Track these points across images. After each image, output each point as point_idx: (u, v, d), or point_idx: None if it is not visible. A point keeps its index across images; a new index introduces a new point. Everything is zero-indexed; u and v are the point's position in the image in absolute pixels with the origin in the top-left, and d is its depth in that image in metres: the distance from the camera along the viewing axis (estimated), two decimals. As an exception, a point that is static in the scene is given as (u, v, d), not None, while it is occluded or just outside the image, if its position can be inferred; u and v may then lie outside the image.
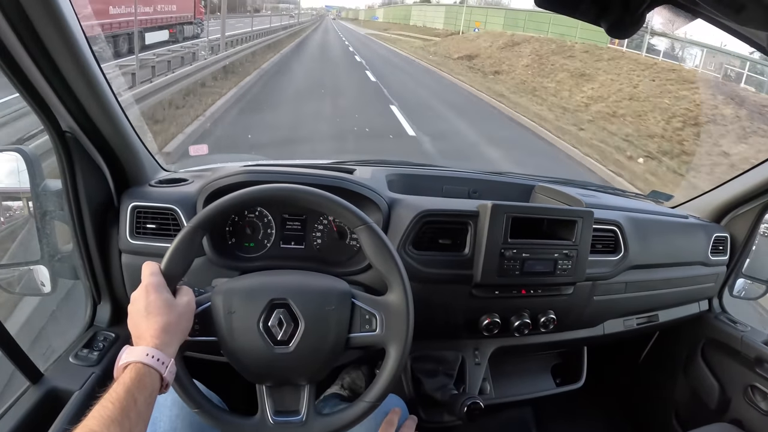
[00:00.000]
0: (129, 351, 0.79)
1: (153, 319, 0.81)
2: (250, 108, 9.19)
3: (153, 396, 0.77)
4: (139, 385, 0.74)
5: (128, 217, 1.22)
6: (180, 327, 0.85)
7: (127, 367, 0.76)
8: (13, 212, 1.26)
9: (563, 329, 1.44)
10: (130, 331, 0.84)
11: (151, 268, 0.88)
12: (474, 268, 1.22)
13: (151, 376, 0.76)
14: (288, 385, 0.95)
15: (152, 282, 0.86)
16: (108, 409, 0.69)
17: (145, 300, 0.83)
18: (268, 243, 1.28)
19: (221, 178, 1.23)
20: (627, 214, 1.46)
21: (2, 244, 1.25)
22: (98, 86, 1.05)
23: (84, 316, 1.31)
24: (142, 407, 0.73)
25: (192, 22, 18.82)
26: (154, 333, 0.80)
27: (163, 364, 0.78)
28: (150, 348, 0.78)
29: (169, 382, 0.80)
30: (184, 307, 0.86)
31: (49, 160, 1.23)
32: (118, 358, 0.79)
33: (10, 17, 0.87)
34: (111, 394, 0.71)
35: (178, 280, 0.90)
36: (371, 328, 0.94)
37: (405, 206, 1.25)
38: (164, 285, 0.86)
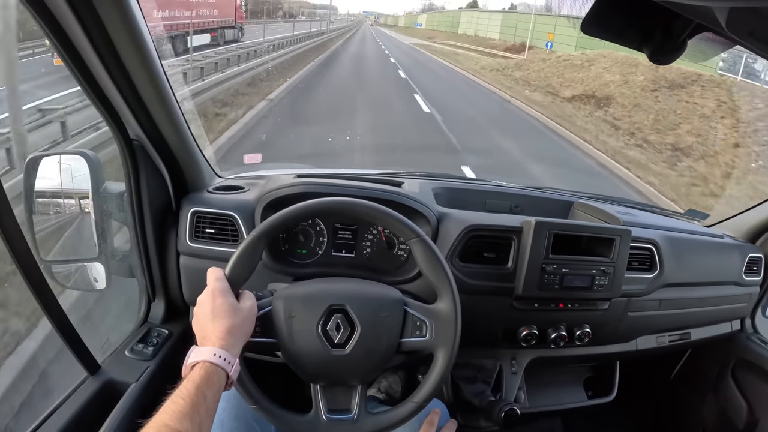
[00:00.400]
0: (197, 351, 0.84)
1: (219, 321, 0.86)
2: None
3: (219, 393, 0.82)
4: (207, 383, 0.79)
5: (188, 222, 1.29)
6: (243, 329, 0.90)
7: (196, 366, 0.81)
8: (63, 210, 1.32)
9: (597, 343, 1.47)
10: (195, 333, 0.90)
11: (216, 274, 0.93)
12: (516, 281, 1.27)
13: (218, 374, 0.81)
14: (341, 385, 1.00)
15: (218, 287, 0.91)
16: (179, 404, 0.73)
17: (211, 304, 0.88)
18: (320, 250, 1.34)
19: (278, 189, 1.29)
20: (663, 233, 1.48)
21: (50, 238, 1.32)
22: (166, 97, 1.12)
23: (138, 313, 1.37)
24: (211, 403, 0.78)
25: (233, 27, 19.04)
26: (220, 335, 0.85)
27: (229, 363, 0.83)
28: (217, 348, 0.83)
29: (233, 381, 0.85)
30: (247, 311, 0.91)
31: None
32: (187, 358, 0.84)
33: (90, 32, 0.93)
34: (182, 391, 0.76)
35: (241, 285, 0.96)
36: (422, 334, 0.98)
37: (453, 220, 1.30)
38: (229, 290, 0.91)
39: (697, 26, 0.64)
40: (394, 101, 11.95)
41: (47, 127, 4.93)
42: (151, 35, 1.03)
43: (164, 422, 0.71)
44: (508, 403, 1.29)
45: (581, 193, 1.70)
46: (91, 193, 1.25)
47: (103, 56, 0.98)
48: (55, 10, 0.90)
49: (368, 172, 1.58)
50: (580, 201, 1.55)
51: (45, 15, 0.90)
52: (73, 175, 1.27)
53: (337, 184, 1.33)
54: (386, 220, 1.02)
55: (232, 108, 8.84)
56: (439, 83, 17.11)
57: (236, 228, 1.28)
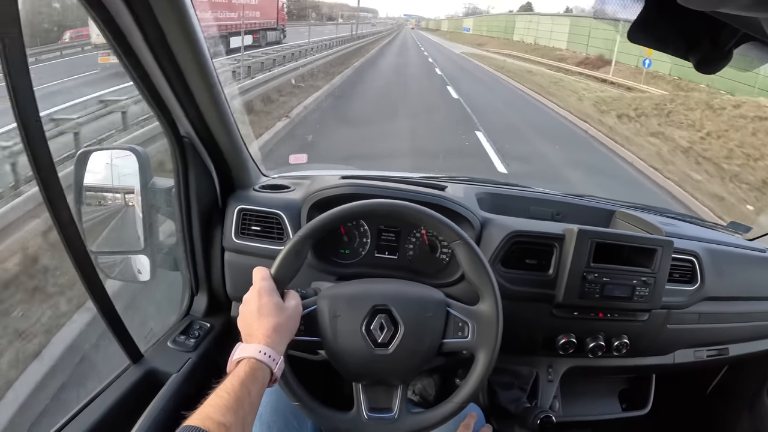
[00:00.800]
0: (242, 348, 0.86)
1: (265, 319, 0.88)
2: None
3: (263, 389, 0.83)
4: (252, 379, 0.80)
5: (234, 219, 1.32)
6: (288, 328, 0.91)
7: (241, 362, 0.83)
8: (110, 203, 1.36)
9: (635, 354, 1.45)
10: (240, 330, 0.92)
11: (262, 273, 0.95)
12: (557, 289, 1.26)
13: (263, 371, 0.83)
14: (382, 384, 1.01)
15: (264, 286, 0.93)
16: (224, 398, 0.75)
17: (257, 302, 0.90)
18: (363, 251, 1.36)
19: (324, 189, 1.31)
20: (705, 245, 1.46)
21: (96, 230, 1.36)
22: (216, 95, 1.15)
23: (180, 305, 1.40)
24: (254, 399, 0.79)
25: (275, 28, 19.46)
26: (266, 332, 0.87)
27: (273, 360, 0.85)
28: (262, 346, 0.85)
29: (277, 378, 0.87)
30: (292, 310, 0.93)
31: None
32: (232, 353, 0.86)
33: (145, 30, 0.96)
34: (226, 385, 0.78)
35: (287, 284, 0.97)
36: (463, 335, 0.99)
37: (496, 225, 1.31)
38: (275, 289, 0.93)
39: (743, 36, 0.64)
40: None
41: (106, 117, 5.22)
42: (203, 34, 1.06)
43: (208, 415, 0.72)
44: (544, 411, 1.28)
45: (622, 201, 1.68)
46: (139, 187, 1.28)
47: (157, 54, 1.01)
48: (111, 8, 0.93)
49: (411, 176, 1.59)
50: (622, 210, 1.54)
51: (102, 13, 0.93)
52: (121, 170, 1.31)
53: (383, 186, 1.34)
54: (432, 222, 1.03)
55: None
56: (535, 148, 8.74)
57: (282, 226, 1.31)
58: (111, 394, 1.10)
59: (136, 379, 1.16)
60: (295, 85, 11.79)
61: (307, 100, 10.58)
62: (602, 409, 1.67)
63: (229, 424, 0.72)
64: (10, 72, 0.79)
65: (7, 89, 0.80)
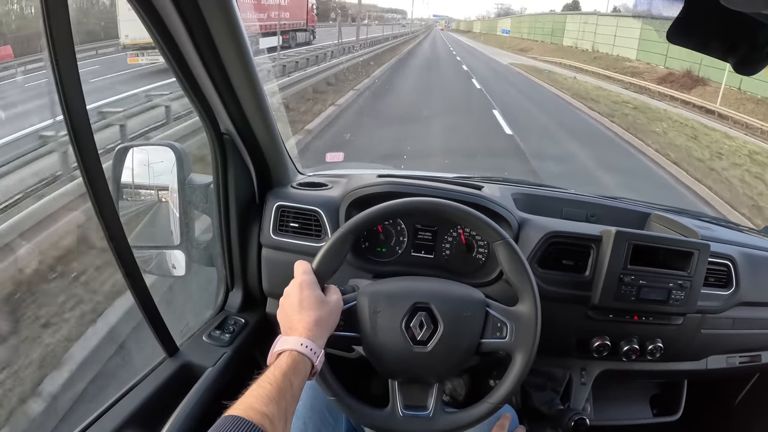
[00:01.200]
0: (284, 340, 0.86)
1: (306, 313, 0.89)
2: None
3: (304, 381, 0.84)
4: (294, 371, 0.81)
5: (273, 215, 1.34)
6: (329, 322, 0.92)
7: (282, 354, 0.83)
8: (148, 198, 1.38)
9: (668, 359, 1.43)
10: (280, 322, 0.92)
11: (304, 267, 0.96)
12: (593, 290, 1.25)
13: (305, 363, 0.83)
14: (418, 382, 1.01)
15: (306, 279, 0.93)
16: (266, 389, 0.75)
17: (299, 295, 0.91)
18: (400, 250, 1.37)
19: (363, 187, 1.32)
20: (741, 249, 1.44)
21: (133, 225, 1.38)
22: (258, 93, 1.16)
23: (216, 301, 1.42)
24: (296, 390, 0.80)
25: (305, 29, 19.38)
26: (307, 325, 0.87)
27: (314, 353, 0.85)
28: (304, 338, 0.85)
29: (317, 371, 0.87)
30: (333, 305, 0.94)
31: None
32: (273, 345, 0.87)
33: (191, 27, 0.98)
34: (269, 376, 0.78)
35: (327, 279, 0.98)
36: (502, 336, 0.99)
37: (534, 226, 1.31)
38: (316, 283, 0.94)
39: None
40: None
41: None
42: (246, 32, 1.07)
43: (251, 405, 0.72)
44: (578, 413, 1.28)
45: (657, 204, 1.66)
46: (177, 183, 1.31)
47: (201, 51, 1.03)
48: (157, 3, 0.95)
49: (446, 175, 1.59)
50: (657, 213, 1.52)
51: (149, 10, 0.95)
52: (159, 166, 1.33)
53: (420, 185, 1.35)
54: (472, 221, 1.03)
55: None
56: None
57: (320, 223, 1.32)
58: (147, 386, 1.12)
59: (171, 372, 1.18)
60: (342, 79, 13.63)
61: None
62: (633, 414, 1.66)
63: (272, 414, 0.72)
64: (59, 65, 0.80)
65: (55, 83, 0.82)
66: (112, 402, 1.07)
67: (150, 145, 1.39)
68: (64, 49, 0.80)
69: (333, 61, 14.20)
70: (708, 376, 1.58)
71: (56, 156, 3.89)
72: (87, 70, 9.10)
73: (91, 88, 7.31)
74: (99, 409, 1.04)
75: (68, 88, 0.83)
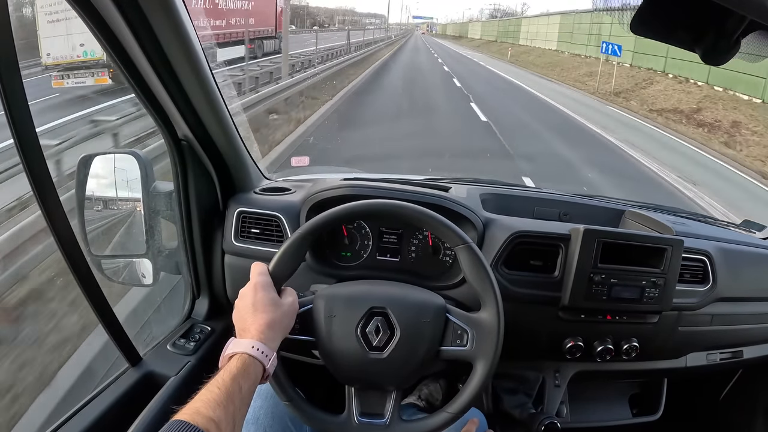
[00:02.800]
0: (235, 342, 0.85)
1: (260, 315, 0.87)
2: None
3: (255, 385, 0.82)
4: (244, 374, 0.79)
5: (234, 221, 1.32)
6: (283, 325, 0.90)
7: (233, 357, 0.82)
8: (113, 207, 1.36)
9: (645, 358, 1.41)
10: (235, 324, 0.91)
11: (259, 269, 0.95)
12: (562, 291, 1.23)
13: (255, 367, 0.82)
14: (376, 389, 0.99)
15: (260, 281, 0.92)
16: (214, 393, 0.74)
17: (252, 297, 0.89)
18: (365, 254, 1.35)
19: (324, 191, 1.30)
20: (717, 244, 1.42)
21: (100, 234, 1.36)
22: (213, 98, 1.14)
23: (182, 309, 1.40)
24: (246, 395, 0.78)
25: (274, 37, 16.65)
26: (260, 328, 0.86)
27: (266, 357, 0.83)
28: (255, 341, 0.84)
29: (269, 374, 0.86)
30: (288, 307, 0.92)
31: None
32: (225, 348, 0.85)
33: (138, 34, 0.96)
34: (218, 380, 0.77)
35: (284, 281, 0.96)
36: (462, 344, 0.96)
37: (499, 226, 1.28)
38: (271, 285, 0.93)
39: (751, 23, 0.62)
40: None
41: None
42: (198, 37, 1.06)
43: (197, 409, 0.71)
44: (549, 417, 1.26)
45: (632, 201, 1.64)
46: (141, 191, 1.29)
47: (151, 58, 1.01)
48: (104, 12, 0.93)
49: (415, 178, 1.57)
50: (632, 210, 1.50)
51: (95, 18, 0.93)
52: (123, 174, 1.31)
53: (384, 188, 1.33)
54: (433, 224, 1.01)
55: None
56: None
57: (281, 228, 1.30)
58: (108, 396, 1.10)
59: (133, 381, 1.16)
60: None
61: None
62: (612, 415, 1.64)
63: (218, 419, 0.71)
64: (4, 84, 0.79)
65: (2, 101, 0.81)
66: (72, 413, 1.05)
67: (113, 153, 1.38)
68: (6, 58, 0.79)
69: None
70: (688, 374, 1.56)
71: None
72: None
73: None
74: (57, 420, 1.03)
75: (14, 107, 0.81)
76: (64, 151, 4.11)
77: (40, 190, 0.89)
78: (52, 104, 7.76)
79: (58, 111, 6.36)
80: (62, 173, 3.83)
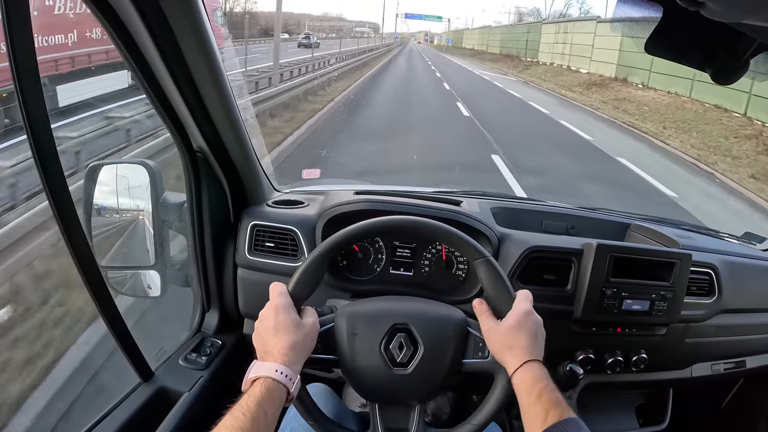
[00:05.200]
0: (258, 366, 0.84)
1: (282, 337, 0.86)
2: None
3: (279, 409, 0.81)
4: (269, 399, 0.78)
5: (248, 235, 1.31)
6: (306, 346, 0.89)
7: (256, 381, 0.81)
8: (121, 217, 1.34)
9: (653, 369, 1.43)
10: (256, 347, 0.90)
11: (279, 289, 0.93)
12: (575, 304, 1.25)
13: (279, 391, 0.81)
14: (400, 404, 0.99)
15: (281, 302, 0.90)
16: (239, 420, 0.73)
17: (274, 319, 0.88)
18: (378, 268, 1.35)
19: (340, 205, 1.30)
20: (722, 257, 1.45)
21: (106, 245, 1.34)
22: (231, 110, 1.14)
23: (192, 322, 1.39)
24: (270, 420, 0.78)
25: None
26: (282, 350, 0.85)
27: (290, 380, 0.83)
28: (279, 365, 0.83)
29: (293, 397, 0.85)
30: (310, 327, 0.91)
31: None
32: (248, 372, 0.84)
33: (160, 44, 0.96)
34: (242, 406, 0.76)
35: (303, 301, 0.95)
36: (483, 356, 0.97)
37: (514, 241, 1.29)
38: (292, 306, 0.91)
39: (760, 45, 0.63)
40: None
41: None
42: (217, 47, 1.05)
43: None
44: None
45: (636, 214, 1.66)
46: (150, 202, 1.28)
47: (171, 67, 1.00)
48: (126, 20, 0.92)
49: (425, 190, 1.57)
50: (637, 223, 1.52)
51: (116, 25, 0.92)
52: (132, 184, 1.30)
53: (398, 202, 1.33)
54: (451, 239, 1.01)
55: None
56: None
57: (296, 243, 1.30)
58: (121, 413, 1.08)
59: (146, 397, 1.14)
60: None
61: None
62: (619, 425, 1.65)
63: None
64: (21, 82, 0.78)
65: (18, 104, 0.79)
66: (86, 430, 1.03)
67: (122, 163, 1.36)
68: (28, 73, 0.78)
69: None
70: (693, 384, 1.58)
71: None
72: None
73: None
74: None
75: (32, 111, 0.80)
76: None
77: (59, 205, 0.88)
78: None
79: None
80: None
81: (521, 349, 0.91)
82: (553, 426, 0.80)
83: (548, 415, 0.82)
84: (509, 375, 0.91)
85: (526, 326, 0.94)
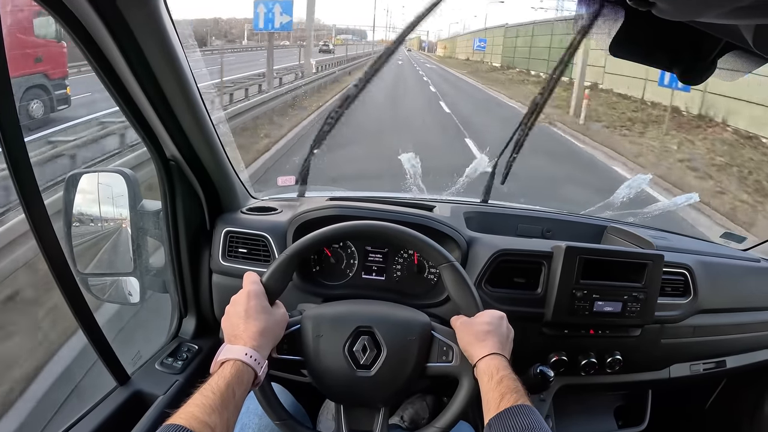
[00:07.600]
0: (228, 349, 0.85)
1: (252, 322, 0.88)
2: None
3: (247, 392, 0.83)
4: (237, 381, 0.80)
5: (221, 241, 1.33)
6: (274, 333, 0.91)
7: (226, 363, 0.82)
8: (100, 225, 1.36)
9: (629, 371, 1.43)
10: (225, 330, 0.91)
11: (252, 277, 0.96)
12: (545, 307, 1.26)
13: (248, 373, 0.83)
14: (364, 406, 1.00)
15: (253, 289, 0.92)
16: (209, 398, 0.75)
17: (245, 304, 0.90)
18: (351, 273, 1.36)
19: (310, 211, 1.32)
20: (698, 258, 1.45)
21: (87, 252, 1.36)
22: (201, 118, 1.16)
23: (169, 328, 1.40)
24: (239, 401, 0.79)
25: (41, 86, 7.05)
26: (252, 335, 0.86)
27: (258, 363, 0.84)
28: (248, 348, 0.85)
29: (260, 381, 0.86)
30: (280, 317, 0.93)
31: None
32: (217, 354, 0.86)
33: (128, 55, 0.97)
34: (212, 385, 0.77)
35: (275, 297, 0.97)
36: (448, 359, 0.98)
37: (483, 245, 1.30)
38: (264, 294, 0.93)
39: (726, 45, 0.64)
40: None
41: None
42: (186, 57, 1.07)
43: (194, 414, 0.72)
44: None
45: (614, 219, 1.68)
46: (128, 210, 1.29)
47: (140, 78, 1.02)
48: (93, 31, 0.94)
49: (400, 196, 1.59)
50: (613, 225, 1.53)
51: (83, 37, 0.94)
52: (111, 192, 1.31)
53: (369, 208, 1.35)
54: (417, 244, 1.03)
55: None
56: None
57: (268, 248, 1.31)
58: (96, 415, 1.10)
59: (122, 401, 1.16)
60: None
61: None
62: (597, 427, 1.65)
63: (214, 424, 0.72)
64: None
65: None
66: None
67: (101, 172, 1.38)
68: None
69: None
70: (672, 385, 1.58)
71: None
72: None
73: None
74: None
75: (4, 118, 0.82)
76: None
77: (32, 213, 0.90)
78: None
79: None
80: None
81: (491, 343, 0.93)
82: (508, 409, 0.82)
83: (503, 399, 0.84)
84: (474, 364, 0.92)
85: (499, 328, 0.97)
